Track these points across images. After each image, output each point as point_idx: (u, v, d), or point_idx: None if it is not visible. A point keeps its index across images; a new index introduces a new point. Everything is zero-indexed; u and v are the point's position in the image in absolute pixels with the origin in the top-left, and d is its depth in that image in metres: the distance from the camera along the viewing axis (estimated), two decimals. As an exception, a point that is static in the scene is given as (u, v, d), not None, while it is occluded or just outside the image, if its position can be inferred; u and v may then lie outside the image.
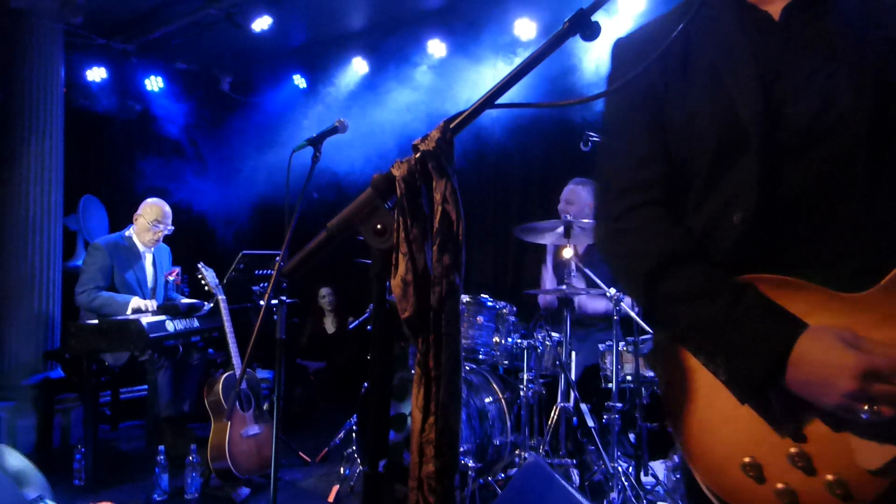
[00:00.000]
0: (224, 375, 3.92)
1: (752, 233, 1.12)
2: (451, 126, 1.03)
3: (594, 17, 0.98)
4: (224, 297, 4.08)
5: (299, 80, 6.58)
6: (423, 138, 1.04)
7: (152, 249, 4.61)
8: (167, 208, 4.56)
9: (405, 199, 1.03)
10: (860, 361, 0.97)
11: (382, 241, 1.05)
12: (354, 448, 3.86)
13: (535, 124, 5.36)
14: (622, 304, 3.57)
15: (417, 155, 1.03)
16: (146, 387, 4.37)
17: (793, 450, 1.04)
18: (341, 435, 4.35)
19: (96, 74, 6.00)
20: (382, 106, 5.71)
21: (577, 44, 0.97)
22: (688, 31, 1.15)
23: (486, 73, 5.36)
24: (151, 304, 4.30)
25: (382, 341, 1.10)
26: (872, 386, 0.97)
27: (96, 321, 4.06)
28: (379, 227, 1.05)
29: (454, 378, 1.05)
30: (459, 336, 1.06)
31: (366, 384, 3.93)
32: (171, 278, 4.73)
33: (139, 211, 4.53)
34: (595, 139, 3.89)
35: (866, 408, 0.97)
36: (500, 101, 1.02)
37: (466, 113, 1.03)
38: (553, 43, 0.99)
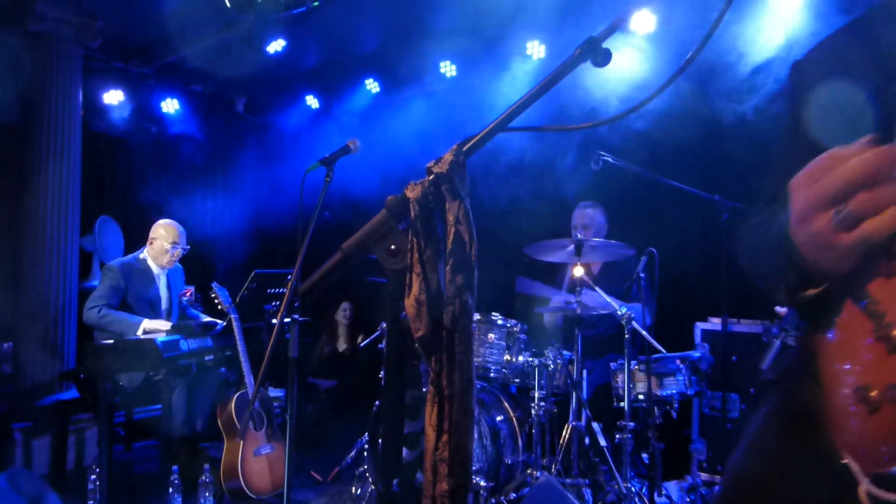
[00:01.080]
0: (237, 395, 3.93)
1: None
2: (464, 149, 1.05)
3: (604, 45, 1.00)
4: (237, 317, 4.11)
5: (312, 101, 6.66)
6: (437, 161, 1.06)
7: (166, 271, 4.65)
8: (181, 228, 4.61)
9: (419, 220, 1.05)
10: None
11: (396, 262, 1.07)
12: (366, 467, 3.85)
13: (545, 143, 5.39)
14: (633, 322, 3.57)
15: (431, 177, 1.06)
16: (160, 406, 4.38)
17: None
18: (353, 454, 4.35)
19: (113, 97, 6.11)
20: (394, 126, 5.78)
21: (588, 69, 1.00)
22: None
23: (499, 92, 5.42)
24: (164, 325, 4.33)
25: (396, 360, 1.12)
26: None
27: (111, 341, 4.10)
28: (393, 247, 1.07)
29: (467, 397, 1.06)
30: (472, 355, 1.07)
31: (377, 402, 3.94)
32: (184, 298, 4.78)
33: (153, 233, 4.57)
34: (605, 158, 3.93)
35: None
36: (513, 124, 1.05)
37: (479, 136, 1.05)
38: (564, 69, 1.01)
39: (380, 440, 3.72)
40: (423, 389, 3.58)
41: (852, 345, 0.98)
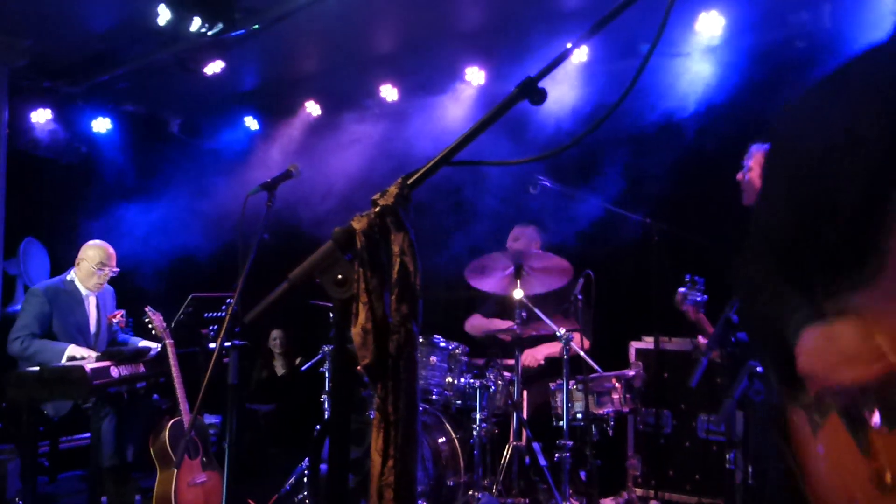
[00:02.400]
0: (171, 422, 3.83)
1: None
2: (409, 182, 1.10)
3: (541, 84, 1.07)
4: (172, 342, 4.01)
5: (251, 123, 6.59)
6: (382, 193, 1.10)
7: (96, 294, 4.50)
8: (111, 250, 4.47)
9: (365, 251, 1.08)
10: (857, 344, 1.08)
11: (343, 292, 1.10)
12: (306, 493, 3.80)
13: (486, 169, 5.50)
14: (571, 343, 3.66)
15: (377, 209, 1.09)
16: (87, 435, 4.21)
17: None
18: (292, 480, 4.27)
19: (41, 116, 5.90)
20: (335, 149, 5.78)
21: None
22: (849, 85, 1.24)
23: (439, 117, 5.50)
24: (89, 353, 4.16)
25: (343, 388, 1.14)
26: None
27: (37, 369, 3.93)
28: (339, 277, 1.10)
29: (412, 423, 1.09)
30: (417, 382, 1.10)
31: (317, 427, 3.90)
32: (114, 321, 4.62)
33: (81, 254, 4.42)
34: (544, 182, 4.05)
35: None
36: (456, 158, 1.09)
37: (424, 170, 1.09)
38: (504, 106, 1.07)
39: (321, 465, 3.69)
40: (368, 414, 3.57)
41: (842, 471, 1.14)
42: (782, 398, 1.28)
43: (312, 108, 6.21)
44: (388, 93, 5.80)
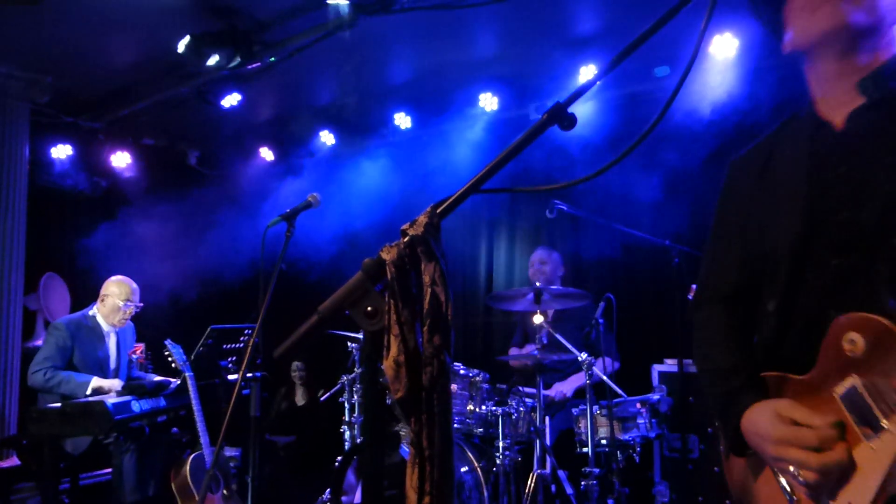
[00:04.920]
0: (192, 456, 3.80)
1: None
2: (438, 211, 1.08)
3: (570, 109, 1.05)
4: (192, 374, 3.99)
5: (267, 153, 6.65)
6: (412, 223, 1.08)
7: (116, 330, 4.51)
8: (134, 285, 4.49)
9: (396, 282, 1.06)
10: (775, 431, 1.14)
11: (373, 324, 1.08)
12: (329, 527, 3.74)
13: (502, 194, 5.49)
14: (594, 367, 3.61)
15: (406, 239, 1.08)
16: (108, 471, 4.19)
17: None
18: (314, 513, 4.22)
19: (62, 152, 5.98)
20: (352, 178, 5.81)
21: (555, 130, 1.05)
22: (773, 149, 1.35)
23: (453, 144, 5.52)
24: (115, 384, 4.17)
25: (375, 422, 1.11)
26: (788, 451, 1.11)
27: (59, 405, 3.92)
28: (370, 309, 1.08)
29: (447, 457, 1.06)
30: (451, 415, 1.08)
31: (339, 458, 3.85)
32: (134, 356, 4.62)
33: (105, 290, 4.44)
34: (560, 206, 4.03)
35: (792, 469, 1.11)
36: (486, 186, 1.08)
37: (453, 198, 1.08)
38: (533, 132, 1.05)
39: (342, 498, 3.63)
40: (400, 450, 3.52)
41: None
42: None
43: (327, 137, 6.27)
44: (402, 121, 5.85)
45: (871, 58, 1.21)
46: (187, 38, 4.06)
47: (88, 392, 4.05)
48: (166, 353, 4.09)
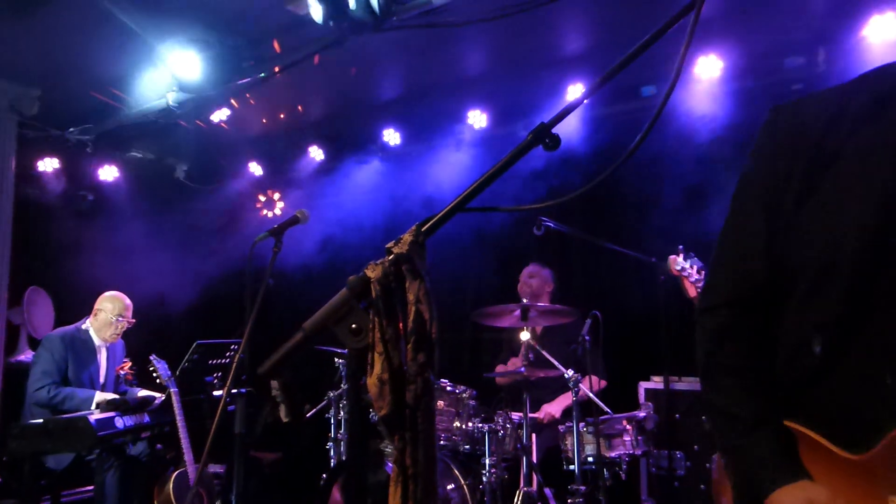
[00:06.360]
0: (175, 473, 3.76)
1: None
2: (424, 229, 1.09)
3: (557, 128, 1.07)
4: (177, 390, 3.97)
5: (255, 168, 6.64)
6: (397, 241, 1.09)
7: (108, 345, 4.47)
8: (128, 301, 4.46)
9: (380, 299, 1.07)
10: None
11: (357, 341, 1.08)
12: (314, 545, 3.70)
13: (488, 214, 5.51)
14: (581, 385, 3.62)
15: (391, 257, 1.08)
16: (90, 488, 4.13)
17: None
18: (299, 531, 4.18)
19: (48, 165, 5.95)
20: (340, 193, 5.82)
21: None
22: (847, 104, 1.00)
23: (441, 161, 5.55)
24: (112, 396, 4.14)
25: (359, 439, 1.12)
26: None
27: (41, 421, 3.87)
28: (354, 326, 1.08)
29: (431, 475, 1.06)
30: (435, 433, 1.08)
31: (324, 475, 3.82)
32: (122, 372, 4.58)
33: (98, 304, 4.41)
34: (548, 224, 4.05)
35: None
36: (471, 204, 1.09)
37: (438, 217, 1.09)
38: (518, 153, 1.07)
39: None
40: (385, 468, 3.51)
41: None
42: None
43: (316, 153, 6.27)
44: (391, 137, 5.87)
45: None
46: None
47: (93, 407, 4.01)
48: (151, 368, 4.06)
